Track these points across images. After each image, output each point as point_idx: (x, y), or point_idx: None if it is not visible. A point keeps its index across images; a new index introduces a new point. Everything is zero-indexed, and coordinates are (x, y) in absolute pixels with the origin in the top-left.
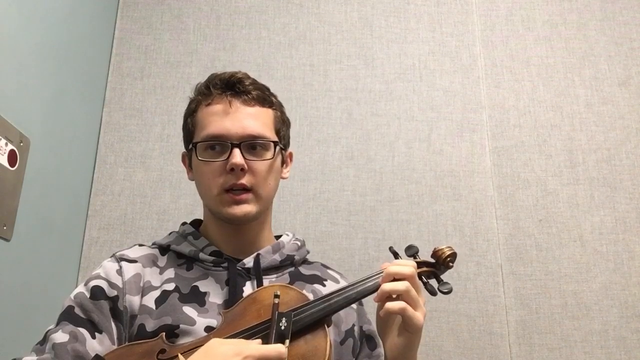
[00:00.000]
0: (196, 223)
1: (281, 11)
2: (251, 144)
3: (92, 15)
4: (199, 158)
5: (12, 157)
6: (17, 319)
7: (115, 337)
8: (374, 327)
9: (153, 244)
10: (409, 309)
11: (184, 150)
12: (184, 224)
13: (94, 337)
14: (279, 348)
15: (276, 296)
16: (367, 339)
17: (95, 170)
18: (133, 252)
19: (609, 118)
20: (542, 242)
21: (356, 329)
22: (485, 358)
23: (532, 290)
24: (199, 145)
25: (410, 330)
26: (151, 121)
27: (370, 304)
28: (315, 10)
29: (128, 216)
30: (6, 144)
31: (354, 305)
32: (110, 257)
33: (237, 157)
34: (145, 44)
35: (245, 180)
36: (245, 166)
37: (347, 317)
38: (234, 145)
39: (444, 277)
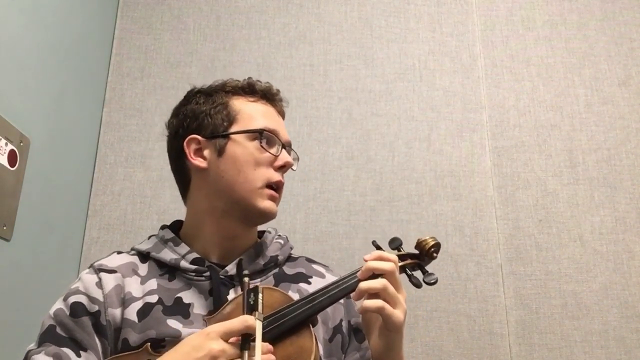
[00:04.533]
0: (176, 225)
1: (281, 11)
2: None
3: (92, 15)
4: (262, 145)
5: (12, 157)
6: (17, 319)
7: (100, 352)
8: None
9: (132, 249)
10: (387, 307)
11: (193, 135)
12: (163, 227)
13: (79, 355)
14: (244, 318)
15: (245, 275)
16: (355, 332)
17: (95, 170)
18: (112, 261)
19: (609, 118)
20: (542, 242)
21: (344, 324)
22: (485, 358)
23: (532, 290)
24: (248, 135)
25: (389, 328)
26: (151, 121)
27: None
28: (315, 10)
29: (128, 216)
30: (6, 144)
31: (341, 299)
32: (89, 267)
33: (291, 157)
34: (145, 44)
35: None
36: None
37: (334, 313)
38: (284, 146)
39: (429, 268)
